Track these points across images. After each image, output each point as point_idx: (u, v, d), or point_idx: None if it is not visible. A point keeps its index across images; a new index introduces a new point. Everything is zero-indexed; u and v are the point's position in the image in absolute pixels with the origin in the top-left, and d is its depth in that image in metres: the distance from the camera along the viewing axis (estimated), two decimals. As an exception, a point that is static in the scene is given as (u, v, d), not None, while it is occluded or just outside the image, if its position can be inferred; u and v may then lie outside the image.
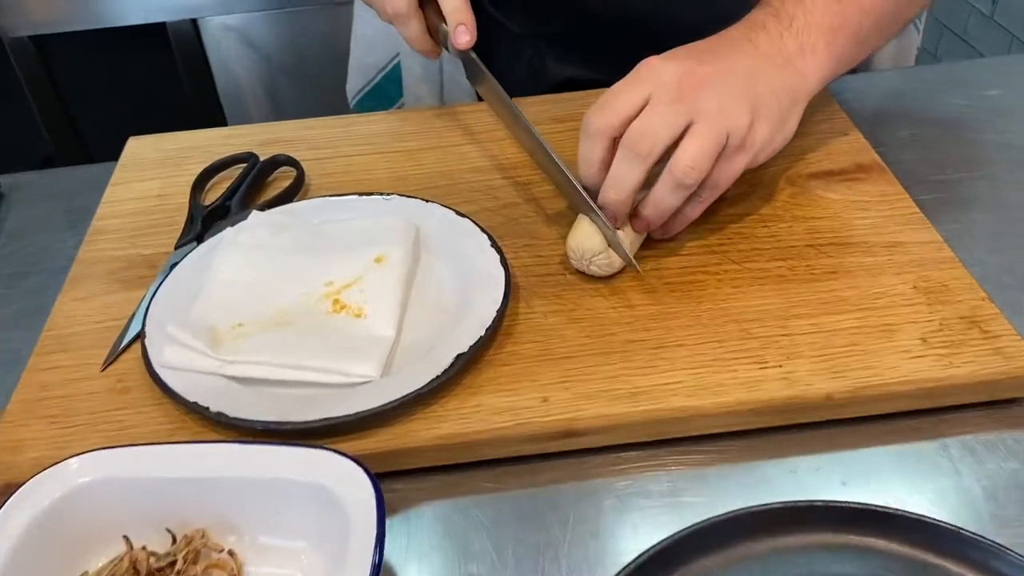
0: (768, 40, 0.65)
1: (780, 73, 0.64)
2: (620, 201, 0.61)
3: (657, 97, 0.60)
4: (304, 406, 0.55)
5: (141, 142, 0.82)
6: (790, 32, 0.66)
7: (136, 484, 0.51)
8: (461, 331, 0.59)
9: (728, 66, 0.62)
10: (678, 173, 0.59)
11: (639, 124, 0.60)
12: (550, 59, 0.95)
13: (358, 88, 1.05)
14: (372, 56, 1.03)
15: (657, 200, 0.61)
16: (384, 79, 1.04)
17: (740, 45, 0.65)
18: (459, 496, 0.55)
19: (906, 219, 0.68)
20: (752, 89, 0.62)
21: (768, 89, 0.63)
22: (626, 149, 0.60)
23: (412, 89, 1.00)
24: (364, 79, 1.05)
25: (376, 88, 1.04)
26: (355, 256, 0.65)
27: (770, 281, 0.63)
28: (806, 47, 0.65)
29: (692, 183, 0.60)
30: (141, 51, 1.46)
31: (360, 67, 1.04)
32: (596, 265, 0.63)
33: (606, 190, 0.61)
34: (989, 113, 0.85)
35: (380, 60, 1.02)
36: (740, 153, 0.61)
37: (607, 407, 0.55)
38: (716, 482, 0.55)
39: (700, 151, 0.59)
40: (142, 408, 0.57)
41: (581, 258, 0.63)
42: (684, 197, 0.61)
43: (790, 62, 0.65)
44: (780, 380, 0.56)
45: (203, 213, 0.71)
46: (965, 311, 0.60)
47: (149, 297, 0.64)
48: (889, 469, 0.55)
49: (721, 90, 0.60)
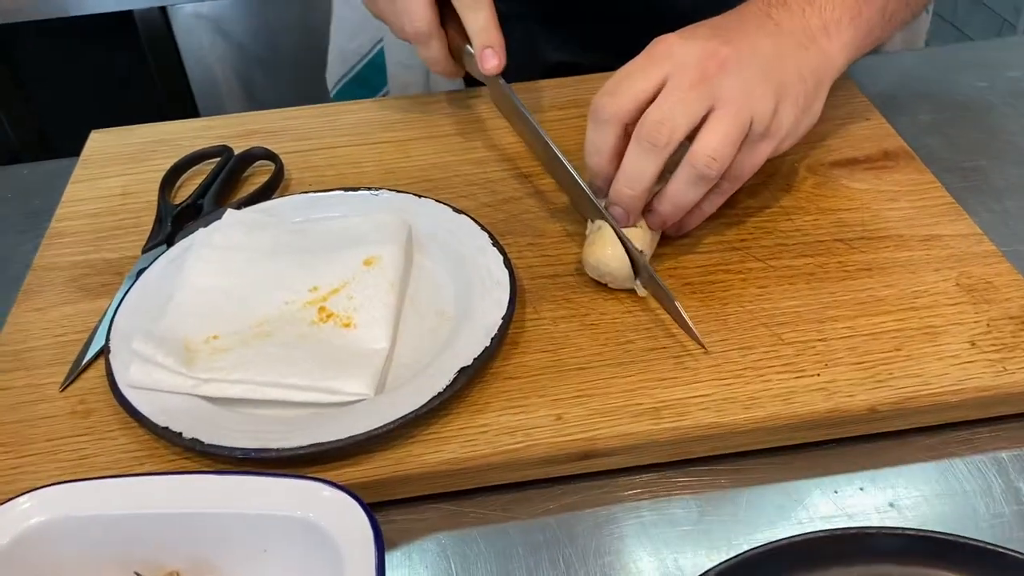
0: (790, 17, 0.60)
1: (805, 53, 0.59)
2: (635, 197, 0.55)
3: (675, 81, 0.55)
4: (289, 430, 0.49)
5: (105, 136, 0.76)
6: (812, 7, 0.61)
7: (100, 523, 0.45)
8: (463, 341, 0.53)
9: (750, 47, 0.57)
10: (699, 165, 0.54)
11: (656, 111, 0.54)
12: (542, 42, 0.89)
13: (339, 76, 0.99)
14: (354, 42, 0.97)
15: (675, 195, 0.56)
16: (367, 66, 0.98)
17: (761, 23, 0.59)
18: (465, 527, 0.49)
19: (941, 210, 0.63)
20: (776, 72, 0.57)
21: (793, 71, 0.58)
22: (642, 139, 0.54)
23: (397, 77, 0.94)
24: (345, 66, 0.99)
25: (358, 76, 0.99)
26: (342, 258, 0.59)
27: (799, 280, 0.58)
28: (830, 24, 0.61)
29: (714, 175, 0.55)
30: (108, 41, 1.39)
31: (341, 54, 0.99)
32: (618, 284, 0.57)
33: (619, 186, 0.56)
34: (1012, 96, 0.80)
35: (363, 46, 0.96)
36: (764, 141, 0.56)
37: (628, 425, 0.49)
38: (749, 505, 0.49)
39: (722, 140, 0.54)
40: (106, 434, 0.51)
41: (600, 276, 0.57)
42: (705, 190, 0.56)
43: (814, 41, 0.60)
44: (818, 391, 0.51)
45: (173, 213, 0.65)
46: (1015, 310, 0.55)
47: (114, 307, 0.58)
48: (940, 487, 0.50)
49: (744, 73, 0.55)
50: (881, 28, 0.64)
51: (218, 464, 0.49)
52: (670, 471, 0.51)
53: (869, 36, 0.63)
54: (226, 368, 0.52)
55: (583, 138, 0.58)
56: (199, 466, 0.49)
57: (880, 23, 0.64)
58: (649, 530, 0.48)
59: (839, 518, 0.48)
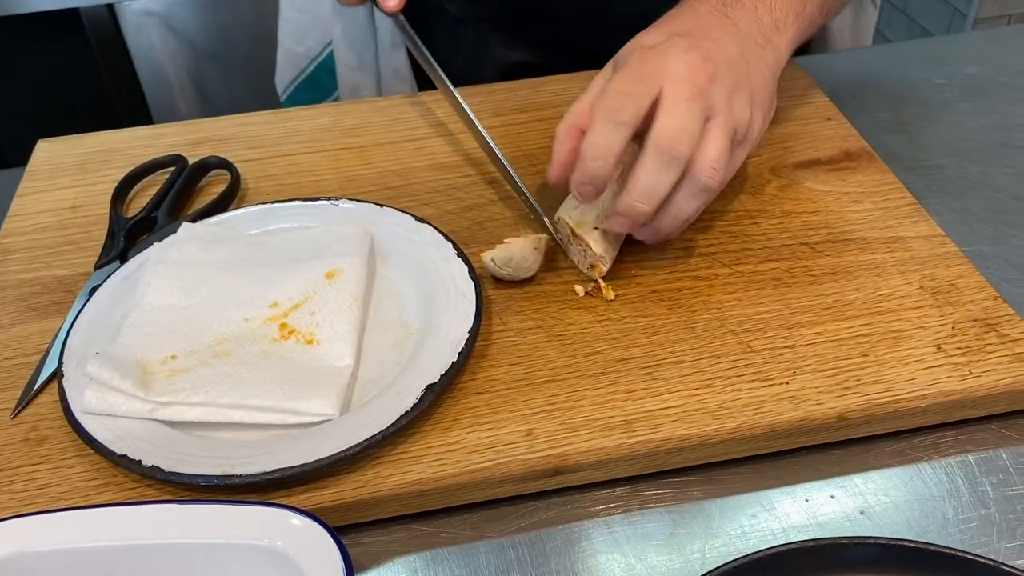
0: (746, 16, 0.60)
1: (763, 53, 0.60)
2: (649, 212, 0.54)
3: (674, 94, 0.53)
4: (253, 454, 0.47)
5: (52, 145, 0.73)
6: (763, 4, 0.61)
7: (56, 557, 0.44)
8: (429, 356, 0.52)
9: (725, 55, 0.56)
10: (703, 177, 0.53)
11: (671, 122, 0.52)
12: (494, 43, 0.88)
13: (289, 79, 0.97)
14: (303, 45, 0.95)
15: (678, 209, 0.55)
16: (317, 69, 0.96)
17: (720, 23, 0.59)
18: (435, 547, 0.48)
19: (903, 211, 0.63)
20: (747, 79, 0.57)
21: (759, 76, 0.58)
22: (662, 153, 0.52)
23: (347, 80, 0.92)
24: (295, 70, 0.96)
25: (309, 79, 0.96)
26: (303, 272, 0.57)
27: (766, 285, 0.58)
28: (779, 21, 0.62)
29: (716, 186, 0.54)
30: (53, 41, 1.35)
31: (289, 57, 0.96)
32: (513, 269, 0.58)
33: (632, 200, 0.53)
34: (970, 92, 0.81)
35: (312, 49, 0.94)
36: (742, 147, 0.57)
37: (599, 439, 0.49)
38: (721, 516, 0.49)
39: (721, 151, 0.54)
40: (62, 462, 0.50)
41: (504, 266, 0.57)
42: (705, 201, 0.56)
43: (769, 40, 0.61)
44: (788, 399, 0.51)
45: (126, 227, 0.63)
46: (978, 312, 0.55)
47: (67, 328, 0.56)
48: (908, 493, 0.50)
49: (726, 84, 0.55)
50: (818, 18, 0.66)
51: (180, 492, 0.47)
52: (642, 484, 0.51)
53: (809, 30, 0.64)
54: (185, 390, 0.50)
55: (545, 140, 0.57)
56: (160, 494, 0.48)
57: (819, 17, 0.65)
58: (622, 545, 0.48)
59: (811, 527, 0.48)
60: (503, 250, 0.57)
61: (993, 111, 0.78)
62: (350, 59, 0.91)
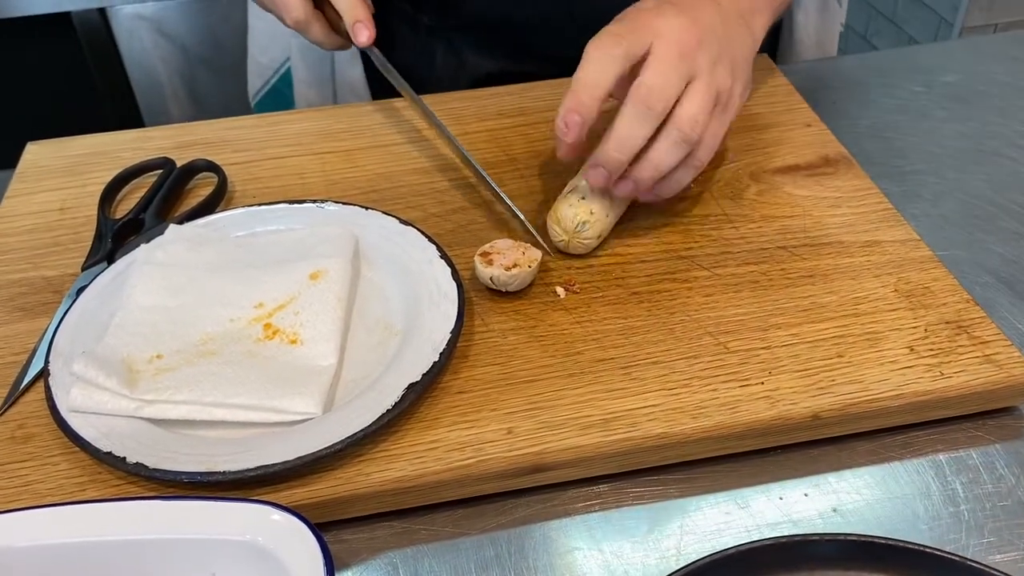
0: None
1: (743, 33, 0.63)
2: (623, 162, 0.57)
3: (660, 52, 0.56)
4: (235, 451, 0.48)
5: (41, 148, 0.74)
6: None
7: (42, 553, 0.44)
8: (411, 356, 0.53)
9: (710, 25, 0.59)
10: (684, 128, 0.56)
11: (651, 77, 0.55)
12: (467, 53, 0.89)
13: (256, 88, 0.98)
14: (266, 55, 0.95)
15: (656, 159, 0.57)
16: (280, 81, 0.96)
17: (707, 2, 0.61)
18: (416, 544, 0.49)
19: (880, 216, 0.64)
20: (729, 51, 0.59)
21: (739, 51, 0.61)
22: (638, 104, 0.55)
23: (302, 94, 0.93)
24: (261, 79, 0.97)
25: (273, 89, 0.97)
26: (288, 273, 0.58)
27: (744, 288, 0.59)
28: (755, 7, 0.65)
29: (696, 136, 0.56)
30: (44, 44, 1.35)
31: (257, 66, 0.97)
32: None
33: (608, 148, 0.56)
34: (948, 100, 0.82)
35: (275, 60, 0.95)
36: (725, 113, 0.59)
37: (577, 437, 0.50)
38: (697, 514, 0.50)
39: (702, 107, 0.56)
40: (48, 460, 0.50)
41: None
42: (685, 154, 0.57)
43: (747, 23, 0.63)
44: (763, 399, 0.51)
45: (113, 228, 0.64)
46: (950, 315, 0.56)
47: (53, 327, 0.56)
48: (881, 492, 0.51)
49: (712, 50, 0.58)
50: (787, 5, 0.69)
51: (164, 488, 0.48)
52: (620, 482, 0.51)
53: (775, 16, 0.68)
54: (170, 388, 0.51)
55: (530, 145, 0.58)
56: (145, 490, 0.48)
57: (783, 4, 0.68)
58: (600, 541, 0.49)
59: (784, 524, 0.49)
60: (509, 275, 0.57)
61: (970, 119, 0.79)
62: (306, 74, 0.91)
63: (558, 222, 0.60)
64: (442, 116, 0.71)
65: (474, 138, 0.73)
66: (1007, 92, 0.83)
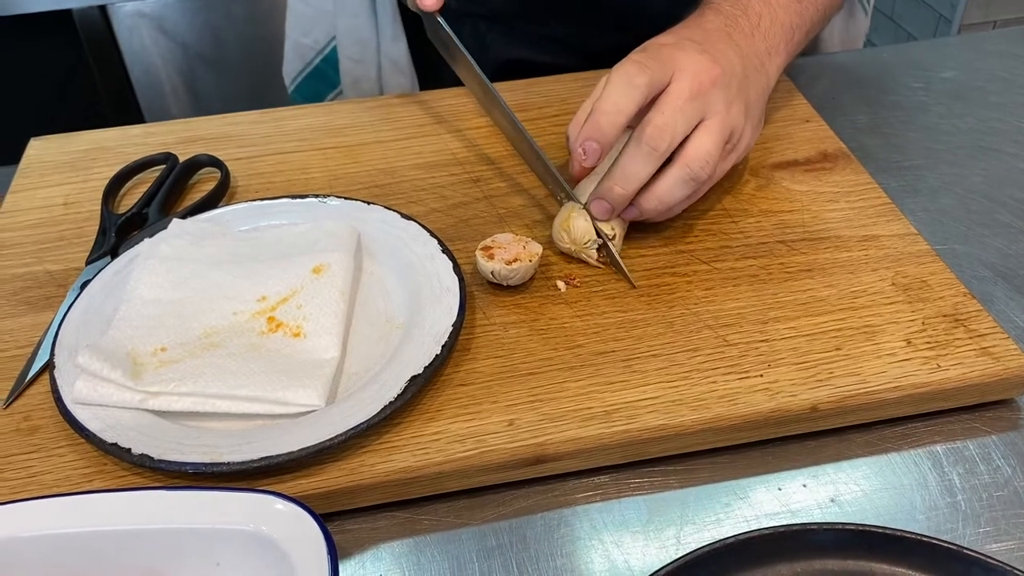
0: (745, 39, 0.64)
1: (759, 76, 0.63)
2: (626, 196, 0.58)
3: (676, 90, 0.57)
4: (239, 443, 0.49)
5: (45, 143, 0.74)
6: (759, 32, 0.65)
7: (48, 542, 0.44)
8: (413, 349, 0.53)
9: (729, 66, 0.60)
10: (694, 166, 0.57)
11: (659, 117, 0.56)
12: (492, 39, 0.90)
13: (296, 71, 0.98)
14: (309, 37, 0.96)
15: (664, 193, 0.58)
16: (323, 61, 0.97)
17: (727, 40, 0.62)
18: (418, 534, 0.49)
19: (878, 210, 0.64)
20: (745, 92, 0.60)
21: (755, 93, 0.62)
22: (643, 143, 0.56)
23: (349, 72, 0.94)
24: (302, 62, 0.98)
25: (316, 71, 0.98)
26: (291, 267, 0.59)
27: (743, 281, 0.59)
28: (772, 48, 0.65)
29: (705, 176, 0.58)
30: (45, 42, 1.36)
31: (297, 48, 0.98)
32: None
33: (611, 183, 0.58)
34: (946, 96, 0.83)
35: (318, 41, 0.96)
36: (732, 153, 0.61)
37: (579, 429, 0.50)
38: (696, 505, 0.51)
39: (714, 146, 0.57)
40: (54, 451, 0.51)
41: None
42: (691, 191, 0.59)
43: (763, 65, 0.64)
44: (762, 391, 0.52)
45: (117, 223, 0.64)
46: (947, 308, 0.57)
47: (58, 321, 0.57)
48: (878, 482, 0.51)
49: (729, 91, 0.59)
50: (803, 46, 0.69)
51: (169, 479, 0.49)
52: (620, 473, 0.52)
53: (794, 55, 0.68)
54: (174, 380, 0.51)
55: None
56: (149, 481, 0.49)
57: (804, 42, 0.69)
58: (601, 532, 0.49)
59: (783, 515, 0.50)
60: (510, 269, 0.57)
61: (968, 115, 0.80)
62: (353, 52, 0.93)
63: (568, 231, 0.60)
64: (438, 114, 0.71)
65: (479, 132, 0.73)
66: (1005, 88, 0.83)
